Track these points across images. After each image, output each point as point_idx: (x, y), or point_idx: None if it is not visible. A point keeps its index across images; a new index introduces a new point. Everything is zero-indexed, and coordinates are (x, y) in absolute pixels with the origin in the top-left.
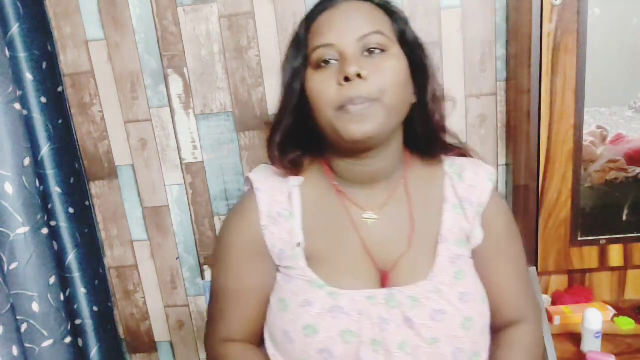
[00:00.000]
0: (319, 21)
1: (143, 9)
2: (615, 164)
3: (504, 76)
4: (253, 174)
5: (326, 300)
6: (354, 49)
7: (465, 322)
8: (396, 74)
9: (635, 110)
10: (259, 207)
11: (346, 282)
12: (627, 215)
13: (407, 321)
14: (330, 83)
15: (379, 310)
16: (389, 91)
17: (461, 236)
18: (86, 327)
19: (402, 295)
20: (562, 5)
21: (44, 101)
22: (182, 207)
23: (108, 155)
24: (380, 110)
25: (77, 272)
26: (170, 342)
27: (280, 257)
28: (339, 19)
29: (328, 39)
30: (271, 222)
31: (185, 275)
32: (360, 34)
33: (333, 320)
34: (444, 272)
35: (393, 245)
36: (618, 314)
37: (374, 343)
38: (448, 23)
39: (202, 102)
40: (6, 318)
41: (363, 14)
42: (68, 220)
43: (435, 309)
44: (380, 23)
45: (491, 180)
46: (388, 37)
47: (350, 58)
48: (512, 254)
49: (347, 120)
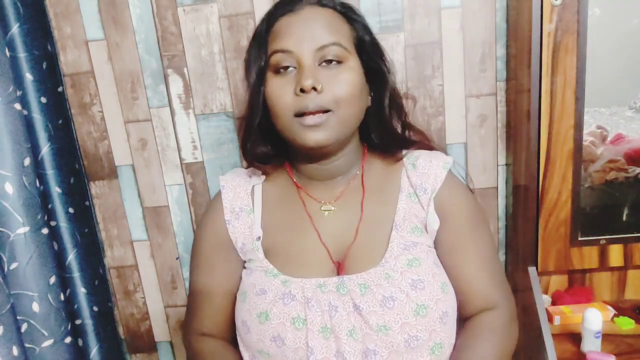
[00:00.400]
0: (280, 23)
1: (143, 9)
2: (615, 164)
3: (504, 76)
4: (224, 175)
5: (279, 288)
6: (312, 58)
7: (418, 308)
8: (351, 86)
9: (635, 110)
10: (223, 203)
11: (301, 271)
12: (627, 215)
13: (356, 308)
14: (288, 90)
15: (329, 297)
16: (343, 103)
17: (417, 223)
18: (86, 327)
19: (352, 282)
20: (562, 5)
21: (44, 101)
22: (182, 207)
23: (108, 155)
24: (334, 120)
25: (77, 272)
26: (170, 342)
27: (243, 251)
28: (299, 26)
29: (287, 44)
30: (234, 217)
31: (185, 275)
32: (319, 44)
33: (284, 307)
34: (396, 259)
35: (345, 236)
36: (618, 314)
37: (324, 330)
38: (448, 23)
39: (202, 102)
40: (6, 318)
41: (323, 23)
42: (68, 220)
43: (385, 296)
44: (340, 33)
45: (445, 168)
46: (346, 48)
47: (307, 69)
48: (476, 241)
49: (301, 128)
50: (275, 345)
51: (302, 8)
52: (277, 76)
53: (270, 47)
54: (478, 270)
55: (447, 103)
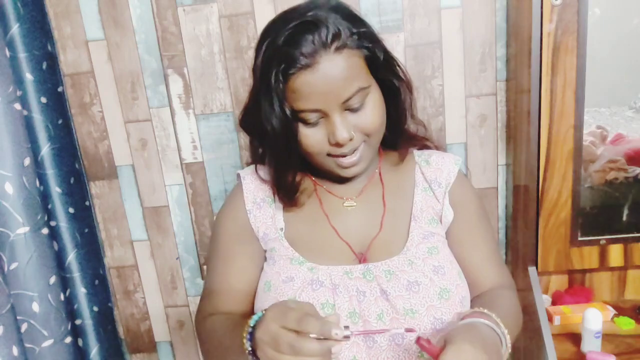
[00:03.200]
0: (299, 82)
1: (143, 9)
2: (615, 164)
3: (504, 76)
4: (243, 170)
5: (307, 275)
6: (339, 110)
7: (442, 292)
8: (378, 116)
9: (635, 110)
10: (244, 194)
11: (325, 261)
12: (627, 215)
13: (383, 293)
14: (320, 137)
15: (357, 283)
16: (373, 134)
17: (433, 215)
18: (86, 327)
19: (377, 269)
20: (562, 5)
21: (44, 101)
22: (182, 207)
23: (108, 155)
24: (368, 150)
25: (77, 272)
26: (170, 342)
27: (265, 240)
28: (319, 85)
29: (313, 104)
30: (255, 207)
31: (185, 275)
32: (344, 98)
33: (313, 293)
34: (417, 247)
35: (369, 229)
36: (618, 314)
37: (352, 315)
38: (448, 23)
39: (202, 102)
40: (6, 318)
41: (343, 76)
42: (68, 220)
43: (410, 281)
44: (358, 75)
45: (457, 164)
46: (366, 84)
47: (338, 122)
48: (483, 231)
49: (337, 166)
50: None
51: (318, 62)
52: (307, 127)
53: (294, 104)
54: (487, 257)
55: (447, 103)
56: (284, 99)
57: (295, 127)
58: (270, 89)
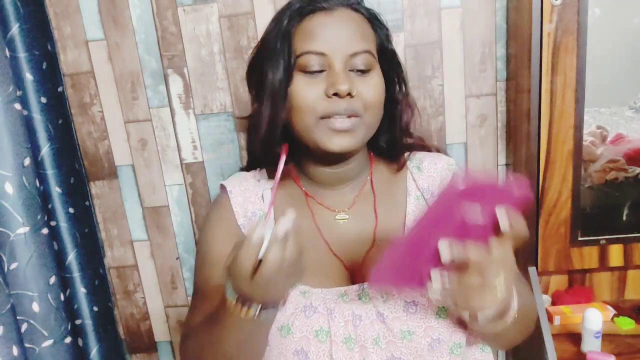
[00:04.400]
0: (312, 21)
1: (143, 9)
2: (615, 164)
3: (504, 76)
4: (226, 181)
5: (299, 300)
6: (344, 63)
7: (440, 311)
8: (379, 93)
9: (635, 110)
10: (234, 208)
11: (318, 280)
12: (627, 215)
13: (379, 316)
14: (317, 92)
15: (352, 306)
16: (371, 109)
17: None
18: (86, 327)
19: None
20: (562, 5)
21: (44, 101)
22: (182, 207)
23: (108, 155)
24: (362, 127)
25: (77, 272)
26: (170, 342)
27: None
28: (333, 27)
29: (320, 47)
30: (247, 222)
31: (185, 276)
32: (352, 51)
33: (306, 320)
34: None
35: (361, 243)
36: (618, 314)
37: (347, 340)
38: (448, 23)
39: (202, 102)
40: (6, 318)
41: (356, 29)
42: (68, 220)
43: (406, 301)
44: (369, 40)
45: (450, 169)
46: (374, 56)
47: (341, 74)
48: None
49: (328, 132)
50: (297, 359)
51: (336, 9)
52: (306, 76)
53: (300, 46)
54: None
55: (447, 103)
56: (292, 43)
57: (293, 88)
58: (280, 32)
